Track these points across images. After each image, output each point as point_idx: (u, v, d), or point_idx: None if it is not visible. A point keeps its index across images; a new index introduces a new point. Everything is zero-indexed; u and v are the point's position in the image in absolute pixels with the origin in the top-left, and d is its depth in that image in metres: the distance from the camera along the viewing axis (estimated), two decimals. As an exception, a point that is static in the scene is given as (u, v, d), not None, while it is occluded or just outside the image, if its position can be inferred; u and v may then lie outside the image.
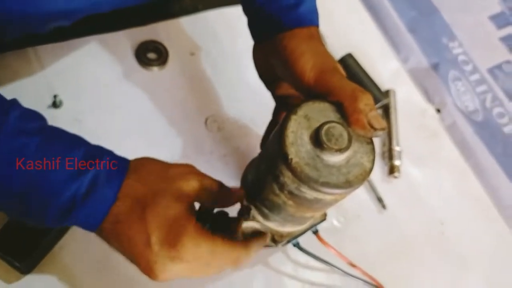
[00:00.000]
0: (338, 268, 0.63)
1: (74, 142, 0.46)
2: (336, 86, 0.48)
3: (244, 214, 0.53)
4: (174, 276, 0.46)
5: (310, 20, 0.55)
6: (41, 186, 0.43)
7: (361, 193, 0.73)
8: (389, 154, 0.76)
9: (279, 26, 0.54)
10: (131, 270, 0.59)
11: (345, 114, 0.47)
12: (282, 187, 0.47)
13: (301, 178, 0.44)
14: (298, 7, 0.54)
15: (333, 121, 0.45)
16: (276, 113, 0.65)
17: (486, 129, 0.85)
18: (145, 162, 0.49)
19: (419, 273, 0.68)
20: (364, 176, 0.46)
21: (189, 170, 0.49)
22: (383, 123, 0.47)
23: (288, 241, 0.59)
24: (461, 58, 0.93)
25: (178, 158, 0.68)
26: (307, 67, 0.51)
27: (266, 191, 0.50)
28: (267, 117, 0.74)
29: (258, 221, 0.56)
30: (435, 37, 0.94)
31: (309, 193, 0.46)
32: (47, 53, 0.70)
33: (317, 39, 0.55)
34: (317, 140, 0.44)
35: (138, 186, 0.46)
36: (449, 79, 0.89)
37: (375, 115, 0.46)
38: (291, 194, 0.47)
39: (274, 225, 0.56)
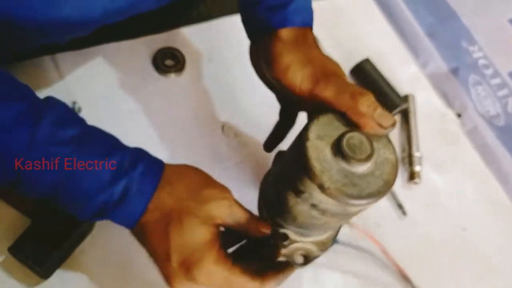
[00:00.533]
0: (376, 257, 0.65)
1: (109, 149, 0.45)
2: (332, 96, 0.47)
3: (281, 240, 0.52)
4: None
5: (299, 20, 0.52)
6: (73, 193, 0.44)
7: (381, 200, 0.71)
8: (409, 160, 0.75)
9: (266, 27, 0.52)
10: (151, 275, 0.59)
11: (351, 121, 0.46)
12: (324, 212, 0.46)
13: (345, 201, 0.43)
14: (286, 7, 0.52)
15: (347, 131, 0.44)
16: (282, 114, 0.63)
17: (508, 133, 0.84)
18: (183, 175, 0.48)
19: (442, 280, 0.66)
20: (395, 170, 0.45)
21: (223, 195, 0.48)
22: (392, 119, 0.45)
23: (331, 245, 0.59)
24: (481, 62, 0.91)
25: (194, 164, 0.68)
26: (297, 81, 0.49)
27: (303, 217, 0.49)
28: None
29: (297, 241, 0.55)
30: (455, 41, 0.92)
31: (354, 208, 0.45)
32: (65, 61, 0.71)
33: (305, 41, 0.52)
34: (342, 156, 0.43)
35: (168, 200, 0.46)
36: (469, 83, 0.87)
37: (380, 113, 0.45)
38: (335, 215, 0.47)
39: (314, 238, 0.56)
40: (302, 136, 0.45)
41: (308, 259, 0.56)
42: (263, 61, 0.53)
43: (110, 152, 0.45)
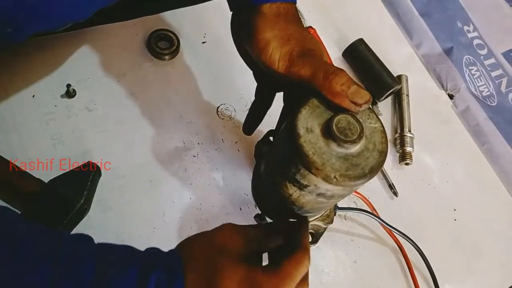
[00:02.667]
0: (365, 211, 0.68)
1: None
2: (308, 75, 0.47)
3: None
4: None
5: None
6: None
7: (372, 180, 0.71)
8: (401, 141, 0.76)
9: (248, 1, 0.51)
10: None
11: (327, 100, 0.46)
12: (331, 197, 0.48)
13: (351, 184, 0.44)
14: None
15: (332, 116, 0.45)
16: (258, 93, 0.62)
17: (501, 114, 0.84)
18: (191, 253, 0.47)
19: (432, 260, 0.68)
20: (385, 137, 0.47)
21: (229, 232, 0.48)
22: (366, 95, 0.45)
23: (335, 214, 0.61)
24: (476, 42, 0.91)
25: (190, 145, 0.69)
26: (275, 57, 0.49)
27: (309, 205, 0.50)
28: (278, 105, 0.75)
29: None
30: (450, 21, 0.92)
31: (360, 185, 0.46)
32: (60, 43, 0.71)
33: (286, 17, 0.51)
34: (337, 143, 0.44)
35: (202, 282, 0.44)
36: (463, 64, 0.87)
37: (354, 91, 0.45)
38: (341, 195, 0.48)
39: (319, 214, 0.58)
40: (292, 135, 0.45)
41: (316, 235, 0.58)
42: (244, 34, 0.53)
43: None
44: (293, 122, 0.45)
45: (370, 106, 0.48)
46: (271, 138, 0.64)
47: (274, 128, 0.63)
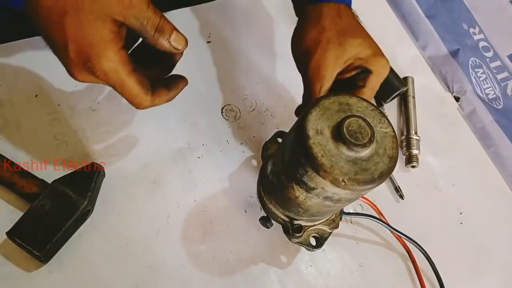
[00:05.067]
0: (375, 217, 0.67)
1: None
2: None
3: (296, 232, 0.56)
4: (90, 81, 0.47)
5: None
6: None
7: None
8: (407, 143, 0.75)
9: None
10: (150, 258, 0.60)
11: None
12: (338, 201, 0.47)
13: (361, 189, 0.44)
14: None
15: (343, 119, 0.44)
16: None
17: (507, 117, 0.84)
18: None
19: (438, 263, 0.67)
20: (395, 142, 0.46)
21: None
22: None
23: (340, 220, 0.60)
24: (482, 44, 0.90)
25: (195, 146, 0.68)
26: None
27: (315, 208, 0.50)
28: (282, 105, 0.74)
29: (309, 226, 0.57)
30: (455, 23, 0.92)
31: (368, 190, 0.46)
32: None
33: (343, 15, 0.55)
34: (347, 146, 0.43)
35: None
36: (469, 66, 0.87)
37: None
38: (348, 199, 0.48)
39: (325, 218, 0.57)
40: (301, 136, 0.45)
41: (321, 239, 0.57)
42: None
43: None
44: (303, 123, 0.45)
45: (381, 110, 0.47)
46: (279, 140, 0.63)
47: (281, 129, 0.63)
